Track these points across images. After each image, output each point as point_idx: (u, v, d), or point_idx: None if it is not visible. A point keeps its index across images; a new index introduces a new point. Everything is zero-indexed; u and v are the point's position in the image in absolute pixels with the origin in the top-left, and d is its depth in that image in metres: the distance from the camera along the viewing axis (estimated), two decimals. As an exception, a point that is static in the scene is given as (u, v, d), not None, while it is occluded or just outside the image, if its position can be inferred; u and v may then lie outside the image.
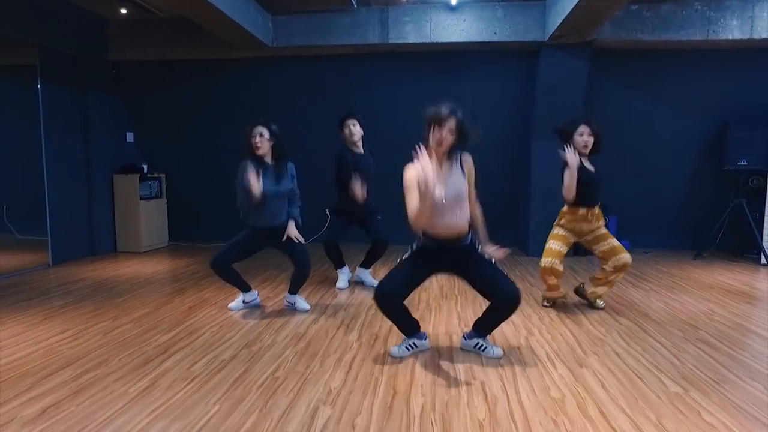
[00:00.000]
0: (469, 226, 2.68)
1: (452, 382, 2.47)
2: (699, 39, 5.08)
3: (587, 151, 3.58)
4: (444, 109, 2.50)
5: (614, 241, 3.61)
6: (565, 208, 3.66)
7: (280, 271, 5.04)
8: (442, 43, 5.40)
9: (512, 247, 6.45)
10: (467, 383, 2.45)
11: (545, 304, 3.82)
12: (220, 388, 2.41)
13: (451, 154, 2.61)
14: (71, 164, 5.65)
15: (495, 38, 5.30)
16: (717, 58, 5.56)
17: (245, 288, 3.76)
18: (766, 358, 2.78)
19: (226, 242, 3.69)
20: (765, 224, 5.38)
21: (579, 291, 3.88)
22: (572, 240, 3.68)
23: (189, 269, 5.21)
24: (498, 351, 2.81)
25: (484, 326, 2.85)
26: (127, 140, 6.60)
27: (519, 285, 4.46)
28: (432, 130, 2.52)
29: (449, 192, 2.53)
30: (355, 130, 4.17)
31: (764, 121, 5.30)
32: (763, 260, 5.32)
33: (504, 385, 2.43)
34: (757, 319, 3.50)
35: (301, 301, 3.78)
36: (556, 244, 3.63)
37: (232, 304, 3.77)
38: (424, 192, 2.33)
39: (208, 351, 2.88)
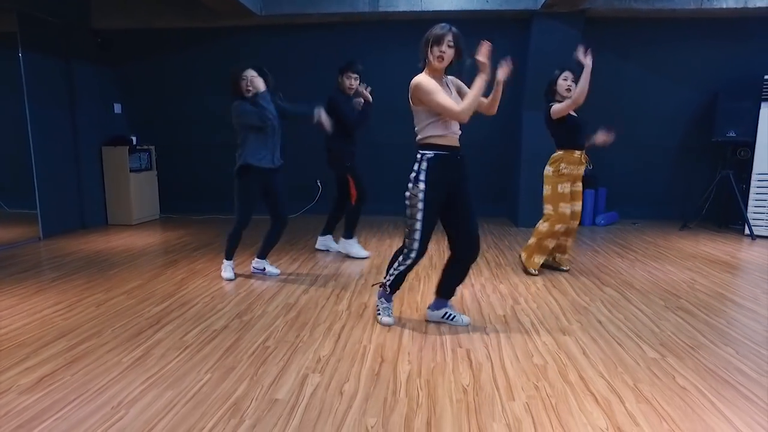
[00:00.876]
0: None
1: (438, 350, 2.54)
2: (693, 8, 5.03)
3: (570, 95, 3.71)
4: (440, 27, 2.66)
5: (580, 205, 3.87)
6: (561, 153, 3.79)
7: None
8: (432, 11, 5.31)
9: (499, 219, 6.57)
10: (453, 351, 2.53)
11: (534, 272, 3.90)
12: (212, 357, 2.47)
13: (445, 72, 2.75)
14: (58, 136, 5.58)
15: (486, 6, 5.22)
16: (710, 27, 5.52)
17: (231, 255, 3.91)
18: (740, 325, 2.88)
19: (236, 208, 3.74)
20: (750, 196, 5.46)
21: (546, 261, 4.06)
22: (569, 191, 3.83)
23: (181, 241, 5.23)
24: (466, 319, 2.90)
25: (447, 288, 2.88)
26: (115, 111, 6.51)
27: (508, 256, 4.61)
28: (431, 48, 2.64)
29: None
30: (355, 84, 4.27)
31: (753, 93, 5.30)
32: (747, 231, 5.41)
33: (489, 352, 2.51)
34: (735, 288, 3.60)
35: (271, 267, 3.96)
36: (567, 207, 3.78)
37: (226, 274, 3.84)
38: (483, 84, 2.61)
39: (200, 321, 2.94)
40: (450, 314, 2.90)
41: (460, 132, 2.75)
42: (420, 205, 2.62)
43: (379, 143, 6.20)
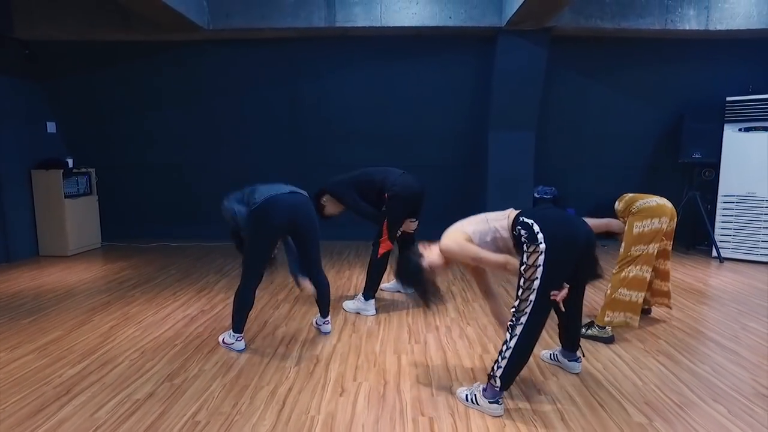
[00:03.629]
0: None
1: (398, 419, 2.19)
2: (657, 28, 4.93)
3: None
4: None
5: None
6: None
7: (220, 277, 4.64)
8: (393, 27, 5.02)
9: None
10: (414, 421, 2.18)
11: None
12: (126, 442, 2.04)
13: None
14: (-25, 159, 4.99)
15: (450, 23, 4.97)
16: (674, 49, 5.45)
17: (324, 312, 3.22)
18: (726, 373, 2.64)
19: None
20: (716, 218, 5.37)
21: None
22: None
23: (120, 276, 4.72)
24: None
25: None
26: (48, 131, 5.93)
27: (476, 289, 4.27)
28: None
29: None
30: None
31: (717, 115, 5.24)
32: (714, 253, 5.32)
33: (455, 421, 2.17)
34: (713, 323, 3.40)
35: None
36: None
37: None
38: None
39: (121, 388, 2.49)
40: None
41: None
42: None
43: (339, 164, 5.85)
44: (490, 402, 2.24)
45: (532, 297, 2.15)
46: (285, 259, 3.21)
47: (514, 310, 2.22)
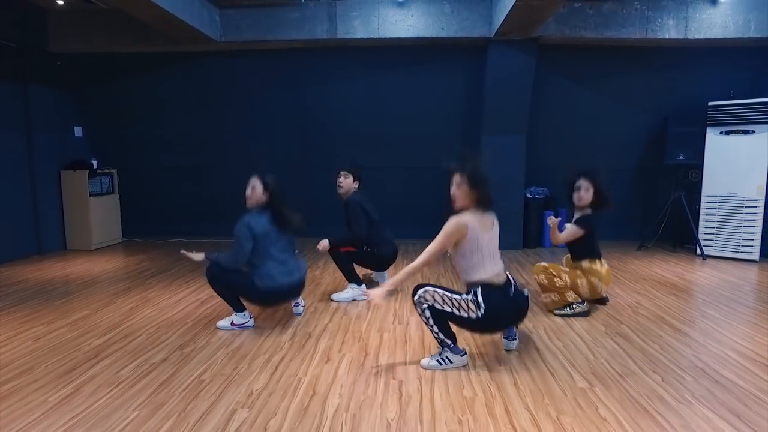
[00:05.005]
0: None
1: (371, 382, 2.56)
2: (638, 37, 5.23)
3: (582, 204, 3.59)
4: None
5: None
6: None
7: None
8: (390, 38, 5.42)
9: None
10: (386, 383, 2.55)
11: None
12: (144, 392, 2.45)
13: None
14: (12, 161, 5.52)
15: (443, 33, 5.35)
16: (656, 56, 5.74)
17: (238, 307, 3.38)
18: (671, 350, 2.95)
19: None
20: (701, 217, 5.63)
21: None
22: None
23: (139, 267, 5.18)
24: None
25: None
26: (75, 135, 6.46)
27: (458, 283, 4.62)
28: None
29: None
30: (342, 182, 3.99)
31: (699, 118, 5.50)
32: (698, 251, 5.57)
33: (420, 384, 2.53)
34: (676, 311, 3.69)
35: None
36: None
37: (220, 323, 3.38)
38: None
39: (140, 354, 2.91)
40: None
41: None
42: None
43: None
44: (461, 355, 2.74)
45: (447, 309, 2.63)
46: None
47: (422, 291, 2.66)
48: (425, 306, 2.65)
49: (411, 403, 2.34)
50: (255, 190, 3.28)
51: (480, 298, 2.61)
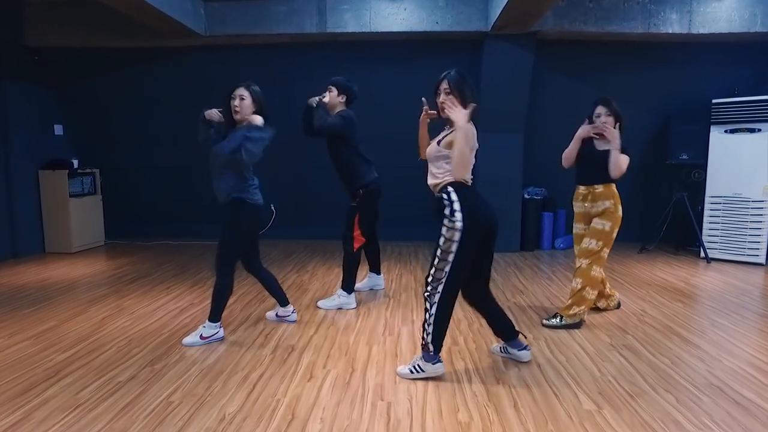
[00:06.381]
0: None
1: (357, 403, 2.33)
2: (640, 32, 5.02)
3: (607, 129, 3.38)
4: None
5: (589, 244, 3.31)
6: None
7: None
8: (382, 32, 5.19)
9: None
10: (373, 405, 2.31)
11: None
12: (103, 418, 2.20)
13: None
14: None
15: (437, 28, 5.12)
16: (659, 52, 5.54)
17: (282, 302, 3.39)
18: (684, 365, 2.74)
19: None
20: (704, 218, 5.42)
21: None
22: (581, 232, 3.44)
23: (119, 271, 4.93)
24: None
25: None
26: (56, 133, 6.19)
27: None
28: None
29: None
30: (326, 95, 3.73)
31: (703, 116, 5.31)
32: (702, 254, 5.36)
33: (411, 407, 2.30)
34: (684, 320, 3.48)
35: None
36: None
37: (268, 313, 3.48)
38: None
39: (106, 371, 2.67)
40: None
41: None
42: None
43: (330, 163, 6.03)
44: (433, 363, 2.53)
45: (447, 269, 2.42)
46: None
47: (430, 279, 2.46)
48: (436, 300, 2.46)
49: (400, 428, 2.11)
50: (244, 100, 3.04)
51: (454, 196, 2.42)
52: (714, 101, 5.19)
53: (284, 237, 6.33)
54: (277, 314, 3.47)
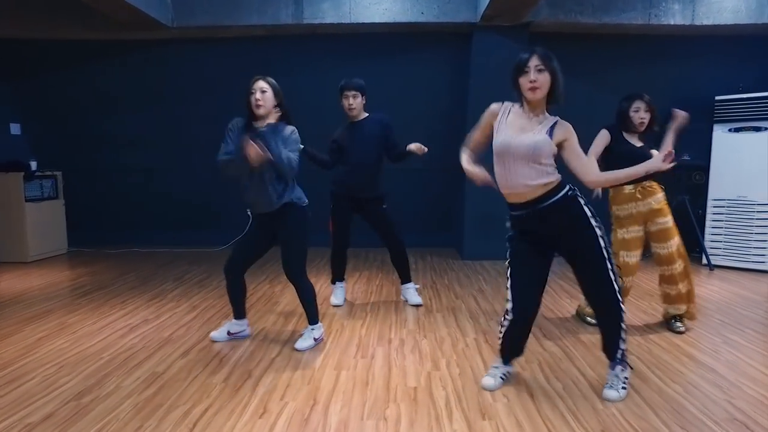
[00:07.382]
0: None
1: (315, 449, 1.93)
2: (640, 23, 4.69)
3: (643, 128, 3.21)
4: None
5: (668, 246, 3.18)
6: (610, 192, 3.23)
7: (177, 285, 4.40)
8: (363, 23, 4.82)
9: (446, 249, 6.05)
10: (333, 451, 1.92)
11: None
12: (-1, 472, 1.79)
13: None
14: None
15: (422, 18, 4.76)
16: (659, 45, 5.21)
17: (239, 314, 3.07)
18: (699, 393, 2.36)
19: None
20: (707, 223, 5.09)
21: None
22: (640, 234, 3.21)
23: (74, 283, 4.50)
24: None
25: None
26: (12, 132, 5.75)
27: (443, 298, 4.05)
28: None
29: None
30: (355, 102, 3.64)
31: (705, 114, 4.98)
32: (704, 260, 5.03)
33: (379, 452, 1.91)
34: (693, 337, 3.12)
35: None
36: (632, 257, 3.19)
37: (214, 334, 3.06)
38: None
39: (19, 409, 2.24)
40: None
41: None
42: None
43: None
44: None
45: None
46: None
47: (617, 288, 2.27)
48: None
49: (362, 485, 1.72)
50: (266, 93, 2.88)
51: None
52: (717, 98, 4.88)
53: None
54: (228, 331, 3.08)
